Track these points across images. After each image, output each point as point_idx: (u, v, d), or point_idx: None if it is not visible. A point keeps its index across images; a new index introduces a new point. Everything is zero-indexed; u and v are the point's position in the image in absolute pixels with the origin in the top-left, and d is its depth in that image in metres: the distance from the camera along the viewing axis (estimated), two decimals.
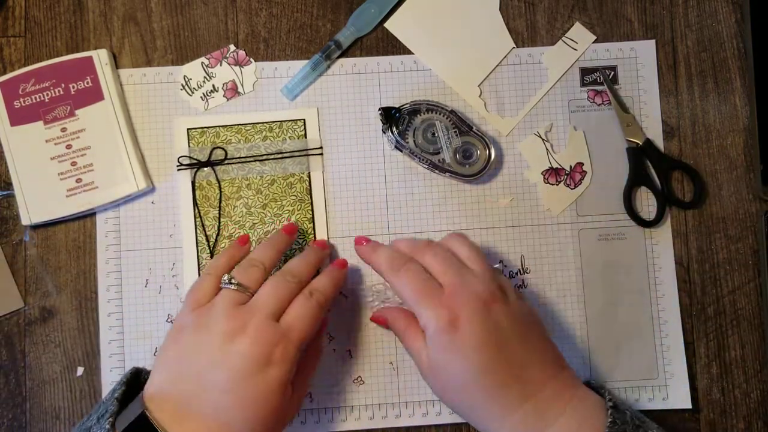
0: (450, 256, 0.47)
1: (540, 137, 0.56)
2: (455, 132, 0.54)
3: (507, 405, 0.43)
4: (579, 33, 0.57)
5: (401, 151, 0.54)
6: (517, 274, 0.55)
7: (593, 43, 0.57)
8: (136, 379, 0.47)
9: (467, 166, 0.54)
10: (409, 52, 0.57)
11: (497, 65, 0.57)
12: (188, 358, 0.42)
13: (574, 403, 0.43)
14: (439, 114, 0.54)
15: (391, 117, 0.54)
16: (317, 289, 0.47)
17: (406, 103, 0.54)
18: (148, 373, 0.49)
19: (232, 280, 0.45)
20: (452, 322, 0.43)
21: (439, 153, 0.54)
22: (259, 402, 0.41)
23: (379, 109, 0.54)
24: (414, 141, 0.54)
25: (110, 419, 0.40)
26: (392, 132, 0.54)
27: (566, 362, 0.46)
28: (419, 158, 0.54)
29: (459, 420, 0.53)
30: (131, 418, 0.41)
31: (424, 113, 0.54)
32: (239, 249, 0.50)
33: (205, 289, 0.46)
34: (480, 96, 0.56)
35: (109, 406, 0.42)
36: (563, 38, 0.57)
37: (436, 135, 0.54)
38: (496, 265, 0.51)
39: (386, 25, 0.57)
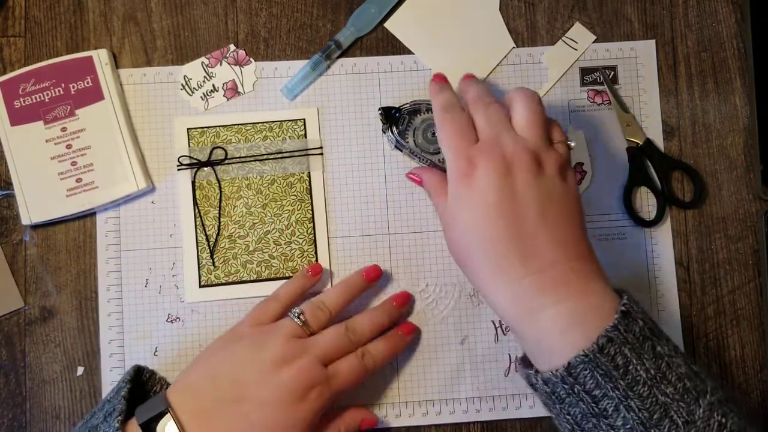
0: (501, 116, 0.45)
1: None
2: None
3: (507, 274, 0.41)
4: (579, 33, 0.57)
5: (401, 150, 0.54)
6: None
7: (593, 43, 0.57)
8: (138, 377, 0.48)
9: None
10: (409, 52, 0.57)
11: (497, 65, 0.57)
12: (235, 366, 0.45)
13: (577, 296, 0.40)
14: None
15: (391, 117, 0.53)
16: (371, 353, 0.48)
17: (406, 103, 0.54)
18: (150, 371, 0.50)
19: (301, 317, 0.47)
20: (468, 172, 0.42)
21: (439, 153, 0.53)
22: (280, 430, 0.43)
23: (379, 109, 0.54)
24: (414, 141, 0.53)
25: (119, 417, 0.41)
26: (392, 132, 0.53)
27: (596, 258, 0.43)
28: (419, 158, 0.53)
29: (459, 420, 0.53)
30: (153, 413, 0.42)
31: (424, 113, 0.53)
32: (310, 279, 0.51)
33: (270, 311, 0.49)
34: None
35: (116, 405, 0.43)
36: (563, 38, 0.57)
37: (436, 135, 0.53)
38: (570, 143, 0.46)
39: (386, 25, 0.57)
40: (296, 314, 0.47)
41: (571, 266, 0.41)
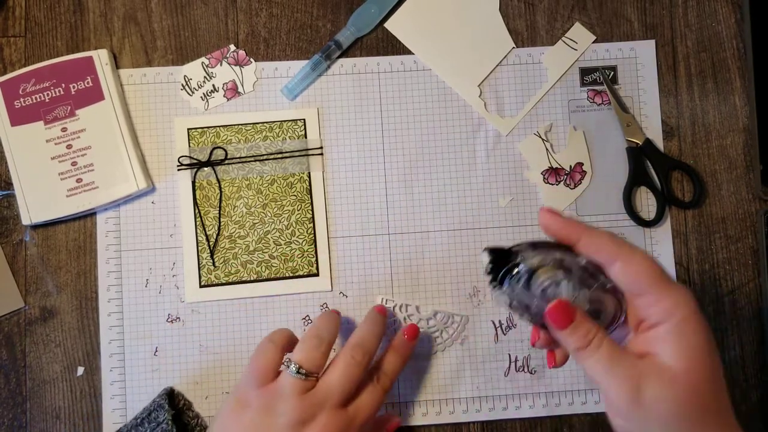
0: None
1: (540, 137, 0.56)
2: (583, 290, 0.37)
3: None
4: (579, 33, 0.57)
5: (509, 308, 0.39)
6: None
7: (593, 43, 0.57)
8: (171, 400, 0.50)
9: None
10: (409, 52, 0.57)
11: (497, 65, 0.57)
12: None
13: None
14: (567, 264, 0.38)
15: (503, 272, 0.38)
16: (385, 373, 0.47)
17: (517, 246, 0.38)
18: (185, 400, 0.52)
19: (301, 371, 0.43)
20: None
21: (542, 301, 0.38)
22: None
23: (490, 254, 0.38)
24: (531, 298, 0.38)
25: None
26: (500, 287, 0.38)
27: None
28: (533, 319, 0.38)
29: (459, 420, 0.53)
30: None
31: (544, 262, 0.38)
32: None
33: (269, 362, 0.45)
34: (480, 96, 0.56)
35: (164, 428, 0.44)
36: (563, 38, 0.57)
37: (560, 295, 0.37)
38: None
39: (386, 25, 0.57)
40: (295, 370, 0.43)
41: None
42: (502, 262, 0.38)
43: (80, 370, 0.53)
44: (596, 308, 0.38)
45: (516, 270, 0.38)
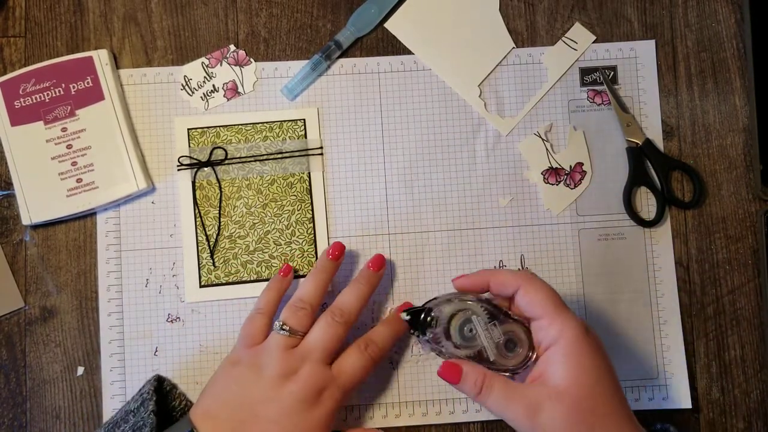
0: None
1: (540, 137, 0.56)
2: (493, 324, 0.45)
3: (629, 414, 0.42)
4: (579, 33, 0.57)
5: (439, 355, 0.47)
6: None
7: (593, 43, 0.57)
8: (159, 386, 0.50)
9: (510, 357, 0.45)
10: (409, 52, 0.57)
11: (497, 65, 0.57)
12: (242, 391, 0.45)
13: None
14: (474, 305, 0.46)
15: (420, 322, 0.47)
16: (374, 342, 0.48)
17: (429, 301, 0.48)
18: (171, 384, 0.52)
19: (284, 327, 0.47)
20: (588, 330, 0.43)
21: (475, 346, 0.46)
22: None
23: (407, 313, 0.48)
24: (453, 342, 0.46)
25: None
26: (424, 337, 0.47)
27: None
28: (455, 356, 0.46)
29: (459, 420, 0.53)
30: None
31: (455, 306, 0.47)
32: (283, 281, 0.51)
33: (257, 327, 0.48)
34: (480, 96, 0.56)
35: (146, 420, 0.44)
36: (563, 38, 0.57)
37: (474, 331, 0.46)
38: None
39: (386, 25, 0.57)
40: (279, 327, 0.47)
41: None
42: (419, 317, 0.48)
43: (80, 370, 0.53)
44: (511, 338, 0.45)
45: (429, 318, 0.47)
